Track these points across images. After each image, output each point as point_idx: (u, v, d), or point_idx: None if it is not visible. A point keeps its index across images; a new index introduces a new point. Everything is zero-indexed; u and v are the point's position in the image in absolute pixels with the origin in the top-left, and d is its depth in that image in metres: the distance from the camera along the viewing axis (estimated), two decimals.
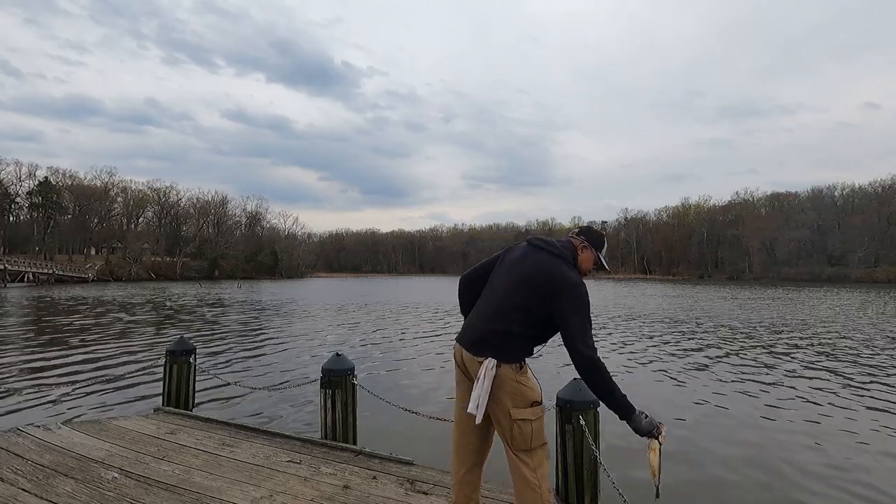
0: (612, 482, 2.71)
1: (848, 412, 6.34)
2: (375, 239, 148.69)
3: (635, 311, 21.53)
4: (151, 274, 72.98)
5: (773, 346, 11.71)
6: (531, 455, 2.26)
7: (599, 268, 2.49)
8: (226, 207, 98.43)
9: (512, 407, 2.21)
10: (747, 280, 78.97)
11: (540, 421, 2.28)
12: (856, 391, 7.39)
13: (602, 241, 2.48)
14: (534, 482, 2.24)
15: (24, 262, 56.02)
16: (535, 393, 2.30)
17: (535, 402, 2.28)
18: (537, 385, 2.34)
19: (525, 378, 2.29)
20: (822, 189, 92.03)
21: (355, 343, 12.27)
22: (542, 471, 2.30)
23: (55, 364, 9.19)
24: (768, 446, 5.14)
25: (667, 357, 10.33)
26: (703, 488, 4.23)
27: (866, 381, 8.01)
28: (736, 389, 7.54)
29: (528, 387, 2.27)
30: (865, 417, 6.12)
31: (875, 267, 74.21)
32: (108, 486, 2.96)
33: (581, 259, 2.39)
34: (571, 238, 2.43)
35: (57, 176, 79.92)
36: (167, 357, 5.06)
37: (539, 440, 2.28)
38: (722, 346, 11.88)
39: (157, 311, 21.95)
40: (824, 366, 9.36)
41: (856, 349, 11.25)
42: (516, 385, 2.23)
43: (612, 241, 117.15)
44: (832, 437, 5.45)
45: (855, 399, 6.96)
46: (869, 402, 6.83)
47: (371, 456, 3.58)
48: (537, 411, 2.27)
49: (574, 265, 2.33)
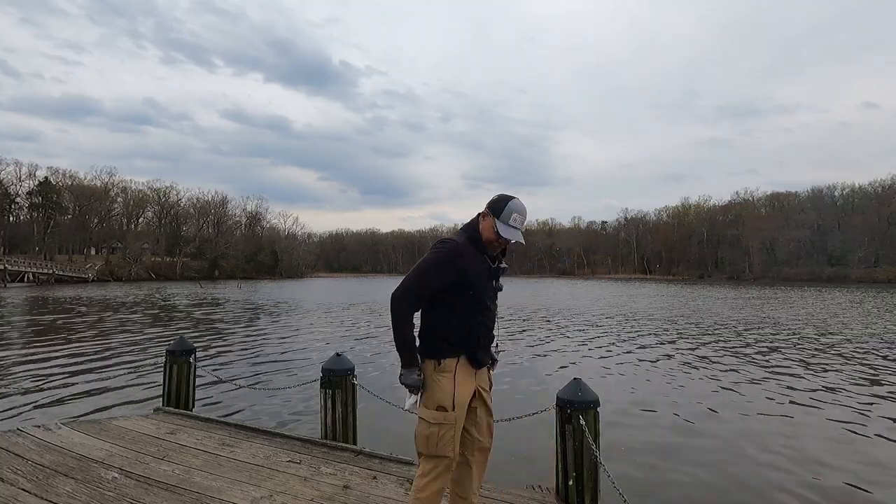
0: (612, 482, 2.71)
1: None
2: (375, 239, 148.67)
3: (632, 311, 21.54)
4: (151, 274, 72.95)
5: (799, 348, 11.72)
6: (421, 460, 2.12)
7: (501, 238, 2.17)
8: (226, 207, 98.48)
9: (421, 403, 2.14)
10: (747, 280, 78.94)
11: (438, 429, 2.05)
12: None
13: (501, 206, 2.15)
14: (413, 488, 2.11)
15: (24, 262, 56.01)
16: (444, 397, 2.09)
17: (440, 407, 2.08)
18: (451, 392, 2.09)
19: (440, 377, 2.13)
20: (822, 189, 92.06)
21: (355, 343, 12.27)
22: (424, 483, 2.07)
23: (55, 364, 9.18)
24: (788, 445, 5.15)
25: (677, 356, 10.34)
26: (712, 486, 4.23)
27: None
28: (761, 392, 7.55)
29: (437, 387, 2.11)
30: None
31: (875, 267, 74.17)
32: (108, 486, 2.96)
33: (481, 228, 2.19)
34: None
35: (57, 176, 79.98)
36: (167, 357, 5.06)
37: (428, 449, 2.07)
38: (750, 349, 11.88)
39: (156, 311, 21.94)
40: (855, 369, 9.37)
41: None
42: (429, 381, 2.14)
43: (612, 241, 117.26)
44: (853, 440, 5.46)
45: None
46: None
47: (371, 456, 3.58)
48: (437, 416, 2.07)
49: (477, 236, 2.19)
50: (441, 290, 2.12)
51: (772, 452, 4.96)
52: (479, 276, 2.17)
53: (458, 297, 2.13)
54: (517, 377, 8.41)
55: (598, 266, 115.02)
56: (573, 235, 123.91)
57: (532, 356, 10.44)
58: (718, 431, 5.62)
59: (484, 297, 2.20)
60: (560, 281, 78.32)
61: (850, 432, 5.59)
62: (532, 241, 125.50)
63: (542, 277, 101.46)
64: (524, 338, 13.16)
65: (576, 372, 8.17)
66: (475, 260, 2.17)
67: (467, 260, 2.13)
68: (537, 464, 4.46)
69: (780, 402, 6.86)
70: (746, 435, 5.50)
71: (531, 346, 11.83)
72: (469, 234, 2.21)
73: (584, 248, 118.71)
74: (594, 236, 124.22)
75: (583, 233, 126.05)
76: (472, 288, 2.15)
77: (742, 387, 7.71)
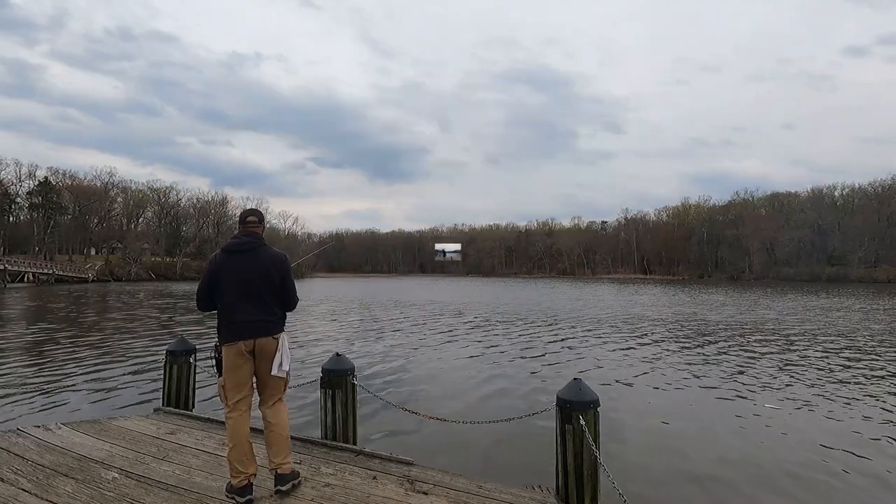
0: (612, 482, 2.71)
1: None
2: (375, 239, 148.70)
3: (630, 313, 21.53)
4: (151, 274, 72.91)
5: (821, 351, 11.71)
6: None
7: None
8: (226, 207, 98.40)
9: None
10: (747, 280, 78.91)
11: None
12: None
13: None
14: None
15: (24, 262, 55.94)
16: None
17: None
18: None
19: None
20: (822, 189, 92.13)
21: (355, 343, 12.27)
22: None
23: (55, 364, 9.18)
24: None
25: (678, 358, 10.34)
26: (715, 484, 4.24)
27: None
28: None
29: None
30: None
31: (875, 267, 74.16)
32: (108, 487, 2.96)
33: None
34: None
35: (57, 176, 79.97)
36: (167, 357, 5.06)
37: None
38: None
39: (156, 311, 21.94)
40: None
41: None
42: None
43: (612, 241, 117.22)
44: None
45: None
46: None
47: (371, 456, 3.58)
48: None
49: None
50: None
51: (772, 453, 4.97)
52: None
53: None
54: (517, 377, 8.41)
55: (598, 266, 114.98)
56: (573, 235, 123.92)
57: (532, 356, 10.44)
58: (719, 432, 5.62)
59: None
60: (560, 281, 78.30)
61: (851, 432, 5.60)
62: (532, 240, 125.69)
63: (543, 278, 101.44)
64: (525, 338, 13.16)
65: (576, 371, 8.16)
66: None
67: None
68: (537, 464, 4.46)
69: (782, 403, 6.86)
70: (747, 435, 5.50)
71: (531, 346, 11.83)
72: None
73: (584, 249, 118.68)
74: (594, 236, 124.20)
75: (583, 233, 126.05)
76: None
77: (743, 387, 7.71)
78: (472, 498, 2.98)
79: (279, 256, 3.11)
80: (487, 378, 8.35)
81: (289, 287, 3.11)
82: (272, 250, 3.10)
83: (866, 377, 8.38)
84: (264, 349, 3.00)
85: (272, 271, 3.03)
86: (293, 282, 3.16)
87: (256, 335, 2.97)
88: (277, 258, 3.09)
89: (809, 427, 5.78)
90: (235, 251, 3.03)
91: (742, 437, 5.42)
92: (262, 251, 3.06)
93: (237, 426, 2.93)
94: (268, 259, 3.05)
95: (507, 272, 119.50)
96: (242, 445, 2.91)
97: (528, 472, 4.27)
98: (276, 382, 3.07)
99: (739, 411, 6.42)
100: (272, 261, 3.05)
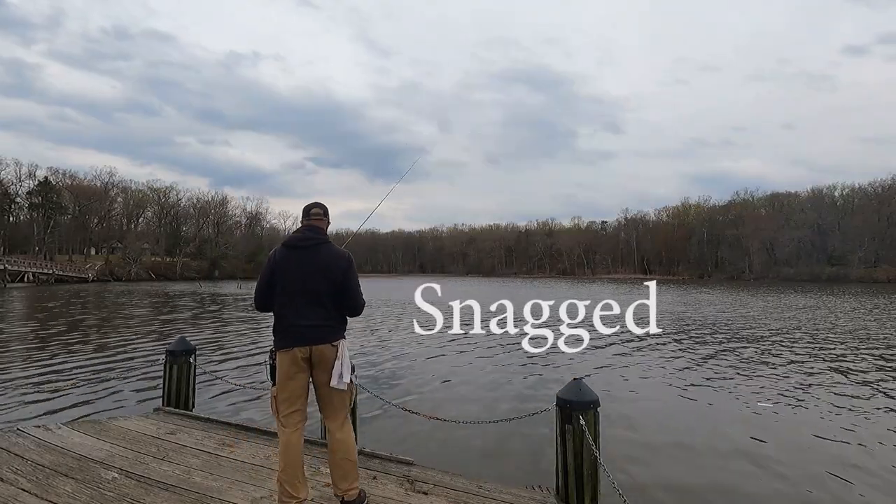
0: (612, 482, 2.71)
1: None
2: (375, 239, 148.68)
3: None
4: (151, 274, 72.88)
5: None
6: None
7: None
8: (226, 207, 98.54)
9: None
10: (747, 280, 78.92)
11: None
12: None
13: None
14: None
15: (24, 262, 55.96)
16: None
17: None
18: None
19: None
20: (822, 189, 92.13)
21: (355, 343, 12.26)
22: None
23: (55, 364, 9.18)
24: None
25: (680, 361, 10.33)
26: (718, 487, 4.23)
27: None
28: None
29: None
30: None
31: (875, 267, 74.16)
32: (108, 487, 2.96)
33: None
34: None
35: (57, 176, 79.98)
36: (167, 357, 5.06)
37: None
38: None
39: (156, 311, 21.94)
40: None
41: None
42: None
43: (612, 241, 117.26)
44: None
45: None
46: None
47: (371, 456, 3.57)
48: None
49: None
50: None
51: (772, 453, 4.96)
52: None
53: None
54: (517, 378, 8.41)
55: (598, 266, 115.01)
56: (573, 235, 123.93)
57: (532, 356, 10.44)
58: (719, 432, 5.62)
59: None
60: (560, 281, 78.31)
61: (854, 433, 5.59)
62: (532, 240, 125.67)
63: (543, 278, 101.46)
64: (524, 338, 13.16)
65: (575, 372, 8.16)
66: None
67: None
68: (537, 464, 4.46)
69: (782, 404, 6.86)
70: (747, 435, 5.50)
71: (531, 346, 11.82)
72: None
73: (584, 249, 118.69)
74: (594, 236, 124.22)
75: (583, 233, 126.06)
76: None
77: (743, 388, 7.71)
78: (471, 498, 2.98)
79: (343, 254, 2.83)
80: (487, 378, 8.35)
81: (353, 289, 2.80)
82: (336, 248, 2.85)
83: (867, 379, 8.38)
84: (322, 358, 2.71)
85: (334, 270, 2.74)
86: (358, 283, 2.84)
87: (314, 342, 2.69)
88: (341, 256, 2.81)
89: (809, 427, 5.78)
90: (296, 246, 2.77)
91: (742, 437, 5.41)
92: (325, 248, 2.79)
93: (290, 443, 2.65)
94: (330, 257, 2.77)
95: (507, 272, 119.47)
96: (295, 466, 2.63)
97: (528, 472, 4.28)
98: (340, 396, 2.79)
99: (742, 412, 6.42)
100: (335, 258, 2.78)
